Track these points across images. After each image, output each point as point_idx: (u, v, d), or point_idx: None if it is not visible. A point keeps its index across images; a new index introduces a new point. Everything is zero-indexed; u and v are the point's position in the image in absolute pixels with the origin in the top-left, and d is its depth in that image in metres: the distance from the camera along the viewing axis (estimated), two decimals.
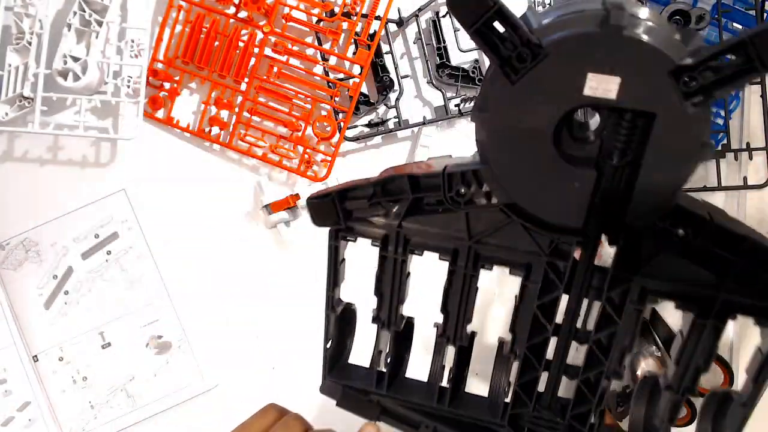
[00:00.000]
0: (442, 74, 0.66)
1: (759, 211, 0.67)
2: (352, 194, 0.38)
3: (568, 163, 0.31)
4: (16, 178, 0.70)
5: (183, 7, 0.67)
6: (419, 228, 0.38)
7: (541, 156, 0.31)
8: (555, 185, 0.32)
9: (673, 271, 0.34)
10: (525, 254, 0.37)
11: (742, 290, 0.34)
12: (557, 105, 0.29)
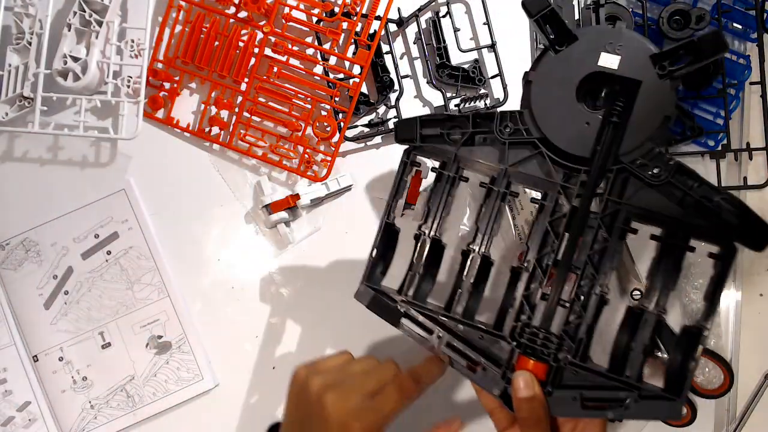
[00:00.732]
0: (442, 74, 0.66)
1: (759, 211, 0.66)
2: (430, 122, 0.52)
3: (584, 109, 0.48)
4: (16, 178, 0.70)
5: (183, 7, 0.67)
6: (470, 156, 0.51)
7: (567, 102, 0.48)
8: (573, 124, 0.48)
9: (650, 201, 0.47)
10: (544, 181, 0.50)
11: (696, 218, 0.46)
12: (581, 69, 0.48)
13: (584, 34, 0.48)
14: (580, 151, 0.48)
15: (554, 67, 0.48)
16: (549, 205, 0.49)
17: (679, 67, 0.46)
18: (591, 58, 0.47)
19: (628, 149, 0.47)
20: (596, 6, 0.63)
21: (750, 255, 0.67)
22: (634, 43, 0.47)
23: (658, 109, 0.47)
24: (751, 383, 0.67)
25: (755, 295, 0.67)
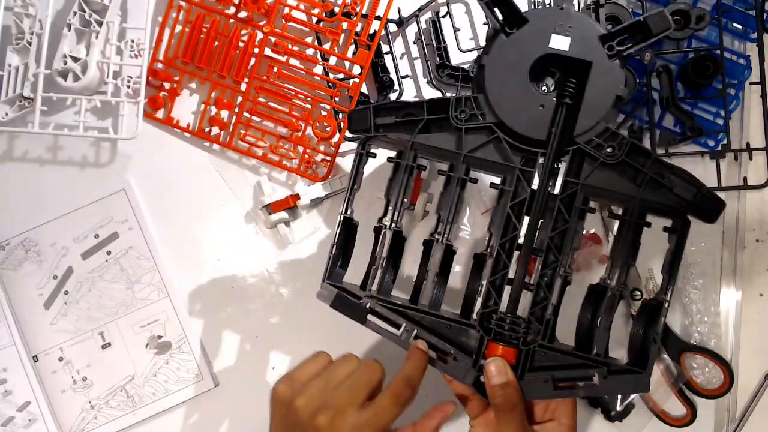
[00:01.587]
0: (442, 74, 0.66)
1: (759, 212, 0.67)
2: (384, 110, 0.51)
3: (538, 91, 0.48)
4: (16, 178, 0.70)
5: (183, 7, 0.67)
6: (428, 143, 0.50)
7: (521, 85, 0.48)
8: (528, 107, 0.48)
9: (607, 180, 0.48)
10: (503, 166, 0.50)
11: (651, 194, 0.48)
12: (533, 52, 0.48)
13: (534, 16, 0.47)
14: (536, 133, 0.48)
15: (506, 51, 0.48)
16: (509, 189, 0.49)
17: (627, 47, 0.46)
18: (542, 40, 0.47)
19: (582, 130, 0.47)
20: (596, 6, 0.63)
21: (750, 254, 0.67)
22: (583, 24, 0.47)
23: (609, 89, 0.47)
24: (751, 383, 0.67)
25: (755, 295, 0.67)
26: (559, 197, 0.48)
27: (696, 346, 0.66)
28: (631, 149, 0.47)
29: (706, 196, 0.47)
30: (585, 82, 0.47)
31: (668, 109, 0.65)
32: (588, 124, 0.47)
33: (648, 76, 0.64)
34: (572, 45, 0.47)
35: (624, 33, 0.46)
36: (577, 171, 0.49)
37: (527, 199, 0.49)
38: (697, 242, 0.67)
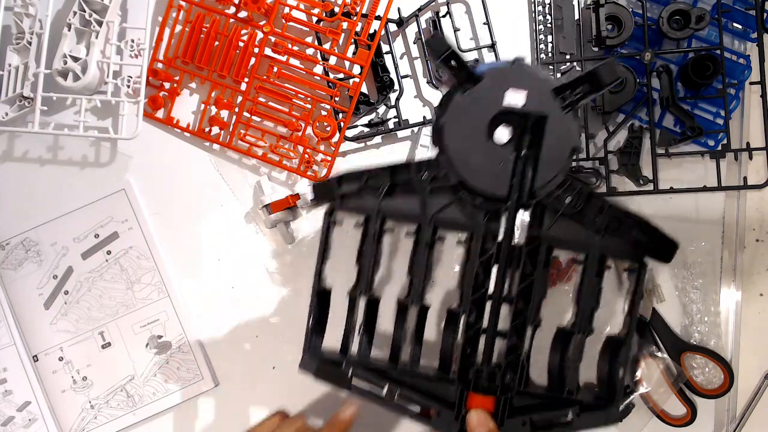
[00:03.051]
0: (442, 74, 0.66)
1: (759, 212, 0.67)
2: (347, 179, 0.52)
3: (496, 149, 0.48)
4: (16, 178, 0.70)
5: (183, 7, 0.67)
6: (394, 207, 0.51)
7: (480, 143, 0.48)
8: (489, 164, 0.48)
9: (568, 230, 0.50)
10: (469, 223, 0.50)
11: (609, 239, 0.49)
12: (489, 109, 0.47)
13: (489, 74, 0.47)
14: (498, 190, 0.48)
15: (463, 110, 0.48)
16: (476, 245, 0.50)
17: (578, 98, 0.47)
18: (497, 97, 0.47)
19: (542, 183, 0.48)
20: (596, 6, 0.63)
21: (750, 254, 0.67)
22: (536, 78, 0.47)
23: (565, 141, 0.47)
24: (751, 383, 0.67)
25: (755, 295, 0.67)
26: (524, 250, 0.49)
27: (696, 346, 0.66)
28: (589, 198, 0.49)
29: (660, 239, 0.50)
30: (542, 136, 0.47)
31: (668, 109, 0.65)
32: (547, 177, 0.48)
33: (648, 76, 0.64)
34: (527, 100, 0.47)
35: (576, 85, 0.47)
36: (540, 223, 0.50)
37: (494, 254, 0.50)
38: (697, 242, 0.67)
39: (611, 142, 0.66)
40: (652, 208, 0.67)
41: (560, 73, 0.66)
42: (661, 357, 0.66)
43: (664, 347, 0.66)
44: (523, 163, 0.48)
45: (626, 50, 0.65)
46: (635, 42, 0.65)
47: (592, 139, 0.66)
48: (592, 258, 0.50)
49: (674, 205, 0.67)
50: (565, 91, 0.47)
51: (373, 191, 0.51)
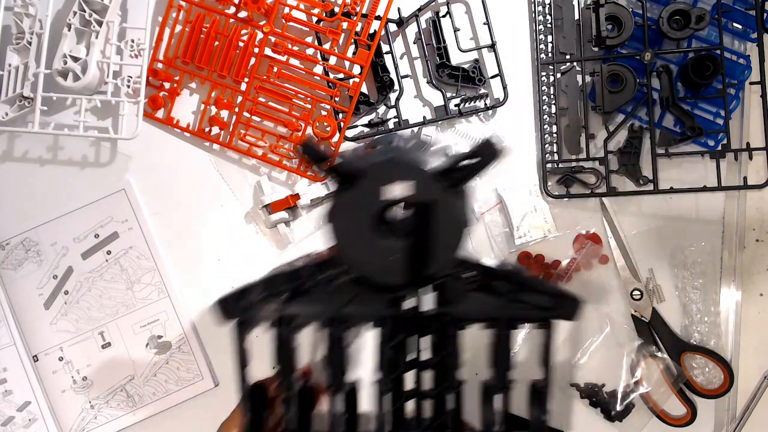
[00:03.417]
0: (442, 74, 0.66)
1: (759, 212, 0.67)
2: (247, 293, 0.51)
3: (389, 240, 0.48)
4: (16, 178, 0.70)
5: (183, 7, 0.67)
6: (300, 310, 0.51)
7: (370, 237, 0.48)
8: (382, 256, 0.48)
9: (474, 302, 0.50)
10: (375, 313, 0.50)
11: (514, 306, 0.50)
12: (375, 202, 0.47)
13: (370, 170, 0.48)
14: (395, 279, 0.49)
15: (349, 206, 0.48)
16: (385, 332, 0.51)
17: (462, 179, 0.48)
18: (380, 192, 0.48)
19: (439, 265, 0.49)
20: (596, 6, 0.63)
21: (750, 254, 0.67)
22: (415, 168, 0.48)
23: (456, 222, 0.48)
24: (751, 383, 0.67)
25: (755, 295, 0.67)
26: (433, 328, 0.51)
27: (696, 346, 0.66)
28: (485, 272, 0.50)
29: (563, 303, 0.50)
30: (430, 221, 0.48)
31: (668, 109, 0.65)
32: (444, 259, 0.48)
33: (648, 76, 0.64)
34: (412, 188, 0.47)
35: (457, 168, 0.47)
36: (444, 301, 0.51)
37: (403, 339, 0.51)
38: (697, 242, 0.67)
39: (611, 142, 0.66)
40: (652, 208, 0.67)
41: (560, 73, 0.66)
42: (661, 357, 0.66)
43: (664, 347, 0.66)
44: (416, 250, 0.49)
45: (626, 50, 0.65)
46: (635, 42, 0.65)
47: (592, 139, 0.66)
48: (500, 326, 0.52)
49: (674, 205, 0.67)
50: (449, 174, 0.47)
51: (277, 297, 0.52)
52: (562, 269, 0.67)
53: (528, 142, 0.68)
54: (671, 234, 0.67)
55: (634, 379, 0.66)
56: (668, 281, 0.67)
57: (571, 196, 0.67)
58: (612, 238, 0.67)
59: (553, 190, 0.67)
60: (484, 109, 0.67)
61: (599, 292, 0.68)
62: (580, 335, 0.68)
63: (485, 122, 0.68)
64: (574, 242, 0.67)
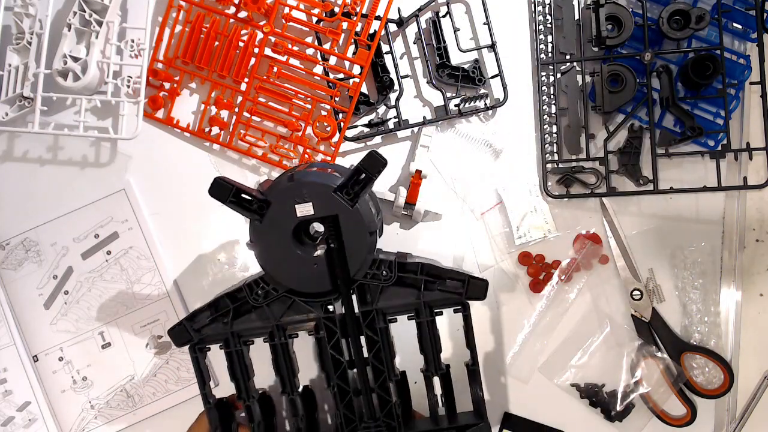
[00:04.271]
0: (442, 74, 0.66)
1: (759, 212, 0.67)
2: (196, 315, 0.59)
3: (307, 254, 0.55)
4: (16, 178, 0.70)
5: (183, 7, 0.67)
6: (245, 326, 0.59)
7: (290, 254, 0.55)
8: (305, 268, 0.55)
9: (395, 296, 0.57)
10: (310, 320, 0.58)
11: (432, 294, 0.57)
12: (287, 225, 0.54)
13: (274, 197, 0.53)
14: (322, 286, 0.55)
15: (265, 232, 0.54)
16: (323, 335, 0.58)
17: (358, 191, 0.53)
18: (289, 212, 0.53)
19: (356, 267, 0.55)
20: (596, 6, 0.63)
21: (750, 254, 0.67)
22: (315, 187, 0.53)
23: (361, 228, 0.54)
24: (751, 383, 0.67)
25: (755, 295, 0.67)
26: (363, 323, 0.57)
27: (696, 346, 0.66)
28: (400, 267, 0.56)
29: (471, 284, 0.56)
30: (340, 232, 0.54)
31: (668, 109, 0.65)
32: (359, 261, 0.54)
33: (648, 76, 0.64)
34: (315, 207, 0.53)
35: (350, 181, 0.52)
36: (366, 299, 0.57)
37: (338, 337, 0.57)
38: (697, 242, 0.67)
39: (611, 142, 0.66)
40: (652, 208, 0.67)
41: (560, 73, 0.66)
42: (661, 357, 0.66)
43: (664, 347, 0.66)
44: (333, 258, 0.54)
45: (626, 50, 0.65)
46: (635, 42, 0.65)
47: (592, 139, 0.66)
48: (421, 314, 0.57)
49: (674, 205, 0.67)
50: (344, 189, 0.53)
51: (222, 318, 0.58)
52: (562, 269, 0.67)
53: (528, 142, 0.68)
54: (671, 234, 0.67)
55: (634, 379, 0.67)
56: (668, 281, 0.67)
57: (571, 196, 0.67)
58: (612, 238, 0.67)
59: (553, 190, 0.67)
60: (484, 109, 0.67)
61: (599, 292, 0.68)
62: (580, 335, 0.68)
63: (485, 122, 0.68)
64: (574, 242, 0.67)
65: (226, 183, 0.52)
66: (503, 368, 0.68)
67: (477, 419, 0.59)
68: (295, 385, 0.60)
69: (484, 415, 0.59)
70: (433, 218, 0.68)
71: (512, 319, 0.68)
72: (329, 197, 0.53)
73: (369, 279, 0.56)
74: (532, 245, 0.68)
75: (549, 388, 0.68)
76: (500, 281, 0.68)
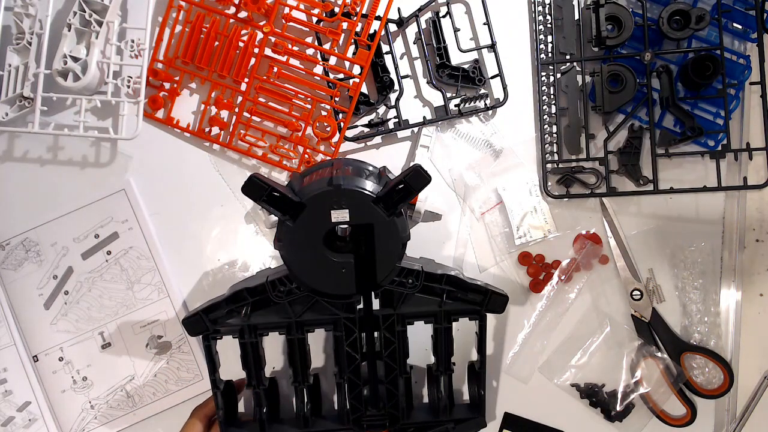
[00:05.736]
0: (442, 74, 0.66)
1: (759, 212, 0.67)
2: (212, 309, 0.59)
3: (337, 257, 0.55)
4: (16, 178, 0.70)
5: (183, 7, 0.67)
6: (262, 320, 0.60)
7: (319, 258, 0.55)
8: (332, 272, 0.55)
9: (416, 302, 0.59)
10: (330, 318, 0.60)
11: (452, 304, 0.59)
12: (320, 229, 0.54)
13: (310, 201, 0.53)
14: (345, 290, 0.56)
15: (297, 234, 0.54)
16: (341, 334, 0.59)
17: (397, 202, 0.53)
18: (324, 217, 0.53)
19: (384, 275, 0.55)
20: (596, 6, 0.63)
21: (750, 254, 0.67)
22: (354, 195, 0.53)
23: (395, 239, 0.54)
24: (751, 383, 0.67)
25: (755, 295, 0.67)
26: (382, 327, 0.59)
27: (696, 346, 0.66)
28: (426, 277, 0.57)
29: (492, 298, 0.58)
30: (372, 240, 0.54)
31: (668, 109, 0.65)
32: (387, 269, 0.55)
33: (648, 76, 0.64)
34: (351, 214, 0.53)
35: (392, 193, 0.52)
36: (390, 304, 0.59)
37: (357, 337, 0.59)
38: (697, 242, 0.67)
39: (611, 142, 0.66)
40: (652, 208, 0.67)
41: (560, 73, 0.66)
42: (661, 357, 0.66)
43: (664, 347, 0.66)
44: (362, 264, 0.55)
45: (626, 50, 0.65)
46: (635, 42, 0.65)
47: (592, 139, 0.66)
48: (441, 321, 0.60)
49: (674, 205, 0.67)
50: (384, 200, 0.53)
51: (239, 310, 0.59)
52: (562, 269, 0.67)
53: (528, 142, 0.68)
54: (671, 234, 0.67)
55: (634, 379, 0.67)
56: (668, 281, 0.67)
57: (571, 196, 0.67)
58: (612, 238, 0.67)
59: (553, 190, 0.67)
60: (484, 109, 0.67)
61: (599, 292, 0.68)
62: (580, 335, 0.68)
63: (485, 122, 0.68)
64: (574, 242, 0.67)
65: (261, 182, 0.51)
66: (503, 368, 0.68)
67: (474, 413, 0.63)
68: (307, 376, 0.61)
69: (482, 411, 0.62)
70: (433, 218, 0.68)
71: (512, 319, 0.68)
72: (367, 207, 0.53)
73: (395, 286, 0.57)
74: (532, 245, 0.68)
75: (549, 388, 0.68)
76: (500, 281, 0.68)
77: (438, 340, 0.60)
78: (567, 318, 0.68)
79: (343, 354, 0.60)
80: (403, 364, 0.61)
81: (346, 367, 0.60)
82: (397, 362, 0.60)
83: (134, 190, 0.69)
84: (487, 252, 0.68)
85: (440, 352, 0.61)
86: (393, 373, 0.60)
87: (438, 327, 0.60)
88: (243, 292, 0.58)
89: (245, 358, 0.61)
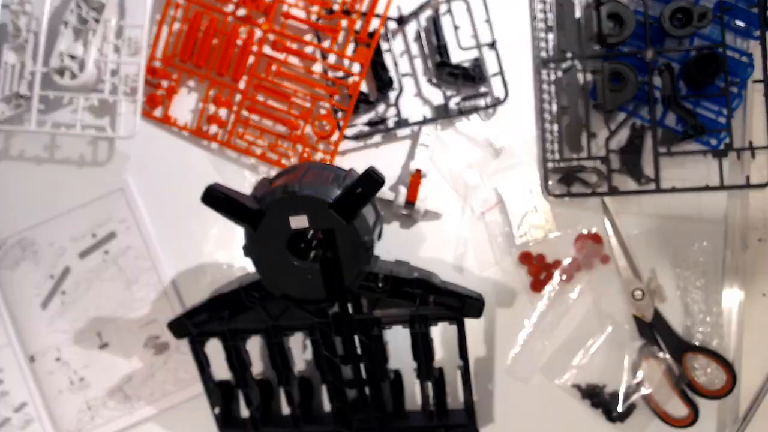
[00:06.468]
0: (442, 72, 0.66)
1: (761, 211, 0.67)
2: (195, 314, 0.61)
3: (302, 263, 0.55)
4: (13, 177, 0.70)
5: (181, 4, 0.67)
6: (242, 324, 0.61)
7: (286, 264, 0.55)
8: (300, 278, 0.56)
9: (392, 306, 0.59)
10: (305, 322, 0.60)
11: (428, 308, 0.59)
12: (281, 236, 0.54)
13: (269, 208, 0.53)
14: (314, 295, 0.56)
15: (260, 242, 0.55)
16: (317, 338, 0.60)
17: (352, 209, 0.53)
18: (284, 224, 0.53)
19: (350, 279, 0.55)
20: (597, 4, 0.62)
21: (753, 254, 0.67)
22: (310, 201, 0.53)
23: (357, 242, 0.54)
24: (754, 384, 0.67)
25: (758, 295, 0.67)
26: (357, 331, 0.59)
27: (698, 347, 0.66)
28: (398, 282, 0.57)
29: (467, 302, 0.58)
30: (335, 245, 0.54)
31: (670, 107, 0.65)
32: (353, 274, 0.55)
33: (650, 75, 0.63)
34: (310, 220, 0.53)
35: (347, 198, 0.52)
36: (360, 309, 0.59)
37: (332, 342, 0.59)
38: (699, 242, 0.66)
39: (613, 141, 0.66)
40: (653, 207, 0.67)
41: (562, 71, 0.66)
42: (663, 357, 0.66)
43: (666, 348, 0.66)
44: (327, 269, 0.55)
45: (628, 48, 0.65)
46: (637, 40, 0.65)
47: (593, 137, 0.66)
48: (416, 326, 0.59)
49: (676, 204, 0.67)
50: (340, 205, 0.53)
51: (219, 316, 0.60)
52: (563, 269, 0.67)
53: (529, 141, 0.67)
54: (673, 234, 0.67)
55: (636, 380, 0.66)
56: (670, 281, 0.67)
57: (572, 195, 0.66)
58: (613, 238, 0.67)
59: (554, 190, 0.67)
60: (485, 107, 0.66)
61: (600, 292, 0.68)
62: (581, 335, 0.67)
63: (485, 121, 0.68)
64: (575, 242, 0.67)
65: (217, 192, 0.52)
66: (504, 368, 0.68)
67: (466, 420, 0.62)
68: (291, 378, 0.63)
69: (473, 417, 0.62)
70: (433, 218, 0.67)
71: (513, 319, 0.68)
72: (325, 211, 0.53)
73: (364, 291, 0.57)
74: (533, 245, 0.67)
75: (550, 389, 0.67)
76: (500, 281, 0.68)
77: (415, 346, 0.60)
78: (568, 318, 0.67)
79: (321, 358, 0.60)
80: (382, 368, 0.61)
81: (327, 371, 0.61)
82: (376, 366, 0.60)
83: (132, 189, 0.69)
84: (487, 251, 0.68)
85: (419, 358, 0.61)
86: (374, 377, 0.61)
87: (415, 332, 0.60)
88: (219, 298, 0.60)
89: (229, 360, 0.62)
